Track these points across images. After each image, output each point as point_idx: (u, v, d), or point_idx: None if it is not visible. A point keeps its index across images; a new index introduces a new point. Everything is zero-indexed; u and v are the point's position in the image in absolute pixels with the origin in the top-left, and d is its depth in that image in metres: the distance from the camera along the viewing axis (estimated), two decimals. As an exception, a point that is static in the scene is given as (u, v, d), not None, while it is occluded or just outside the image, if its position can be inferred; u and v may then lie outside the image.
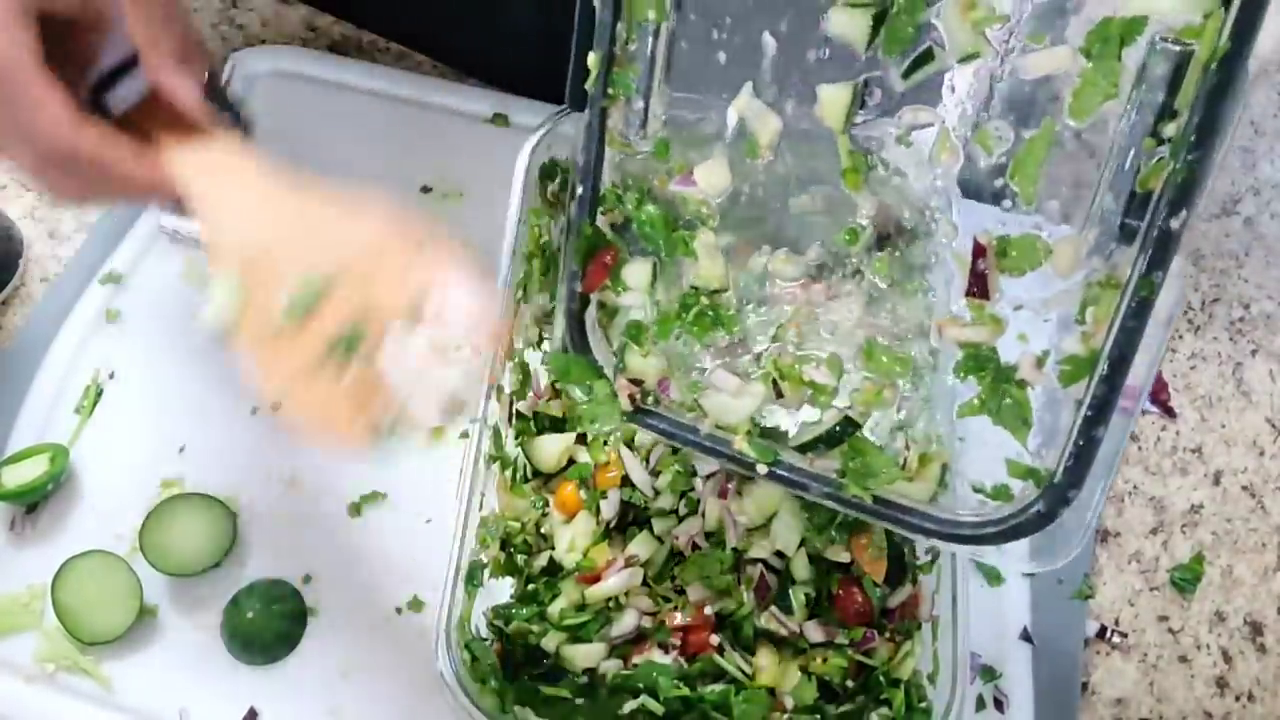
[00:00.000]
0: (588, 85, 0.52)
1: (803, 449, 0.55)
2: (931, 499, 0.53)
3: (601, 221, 0.56)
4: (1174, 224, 0.42)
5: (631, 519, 0.71)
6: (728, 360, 0.57)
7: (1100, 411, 0.45)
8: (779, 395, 0.55)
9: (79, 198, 0.54)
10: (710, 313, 0.55)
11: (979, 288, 0.49)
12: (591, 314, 0.58)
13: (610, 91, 0.52)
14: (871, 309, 0.56)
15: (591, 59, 0.51)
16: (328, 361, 0.49)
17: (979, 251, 0.48)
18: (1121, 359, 0.44)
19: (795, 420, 0.55)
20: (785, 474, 0.55)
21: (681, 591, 0.68)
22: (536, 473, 0.73)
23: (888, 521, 0.53)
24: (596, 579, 0.68)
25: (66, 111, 0.48)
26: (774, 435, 0.56)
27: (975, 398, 0.50)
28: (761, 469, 0.55)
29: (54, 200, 0.57)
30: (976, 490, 0.52)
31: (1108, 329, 0.44)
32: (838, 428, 0.53)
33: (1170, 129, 0.43)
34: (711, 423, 0.56)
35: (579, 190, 0.55)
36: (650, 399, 0.58)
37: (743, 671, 0.66)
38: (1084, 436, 0.46)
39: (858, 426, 0.53)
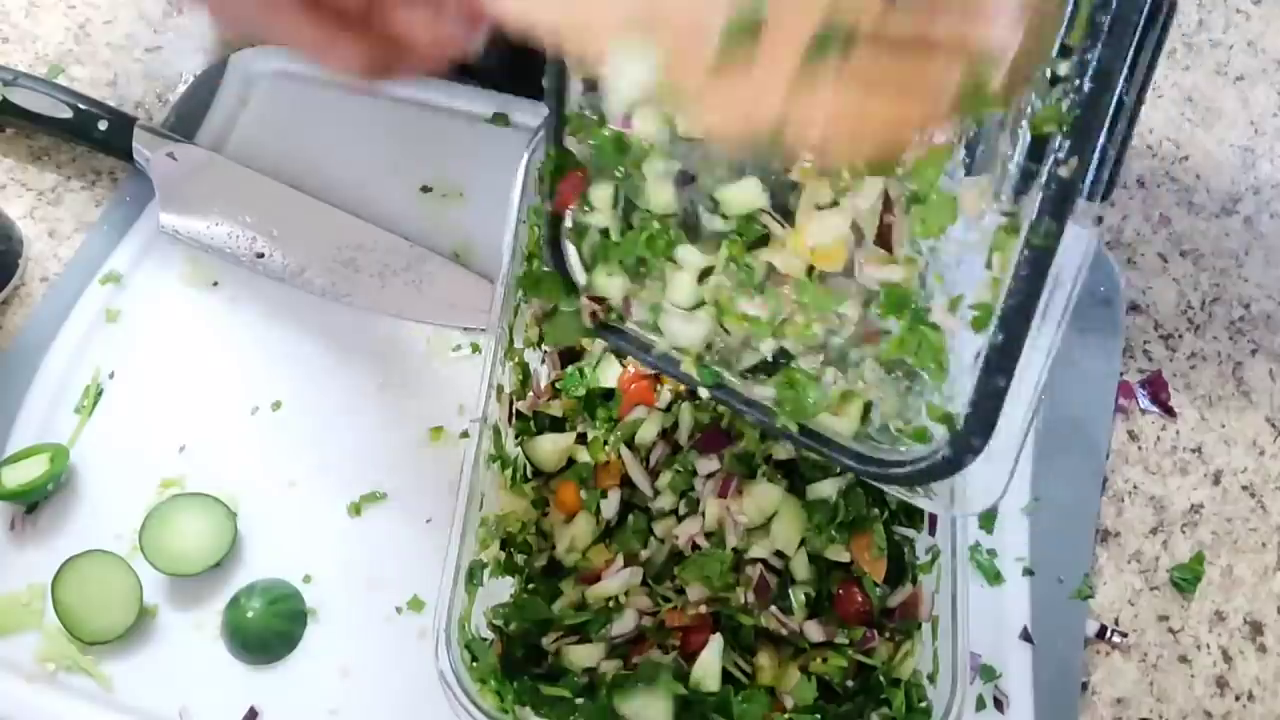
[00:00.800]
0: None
1: (742, 375, 0.56)
2: (855, 436, 0.54)
3: (573, 145, 0.57)
4: (1063, 171, 0.41)
5: (632, 520, 0.71)
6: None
7: (999, 360, 0.44)
8: (722, 327, 0.56)
9: None
10: (661, 237, 0.56)
11: (883, 240, 0.49)
12: (563, 232, 0.60)
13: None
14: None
15: None
16: None
17: (887, 206, 0.48)
18: (1018, 309, 0.43)
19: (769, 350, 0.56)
20: (723, 397, 0.57)
21: (681, 591, 0.68)
22: (536, 473, 0.73)
23: (809, 450, 0.55)
24: (596, 579, 0.68)
25: None
26: (727, 363, 0.57)
27: (896, 336, 0.50)
28: (704, 392, 0.57)
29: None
30: (899, 431, 0.52)
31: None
32: (772, 357, 0.55)
33: (1064, 67, 0.41)
34: (667, 344, 0.58)
35: (546, 118, 0.57)
36: (614, 316, 0.59)
37: (743, 671, 0.66)
38: (984, 385, 0.45)
39: (791, 358, 0.54)
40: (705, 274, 0.55)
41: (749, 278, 0.54)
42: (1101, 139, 0.42)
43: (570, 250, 0.60)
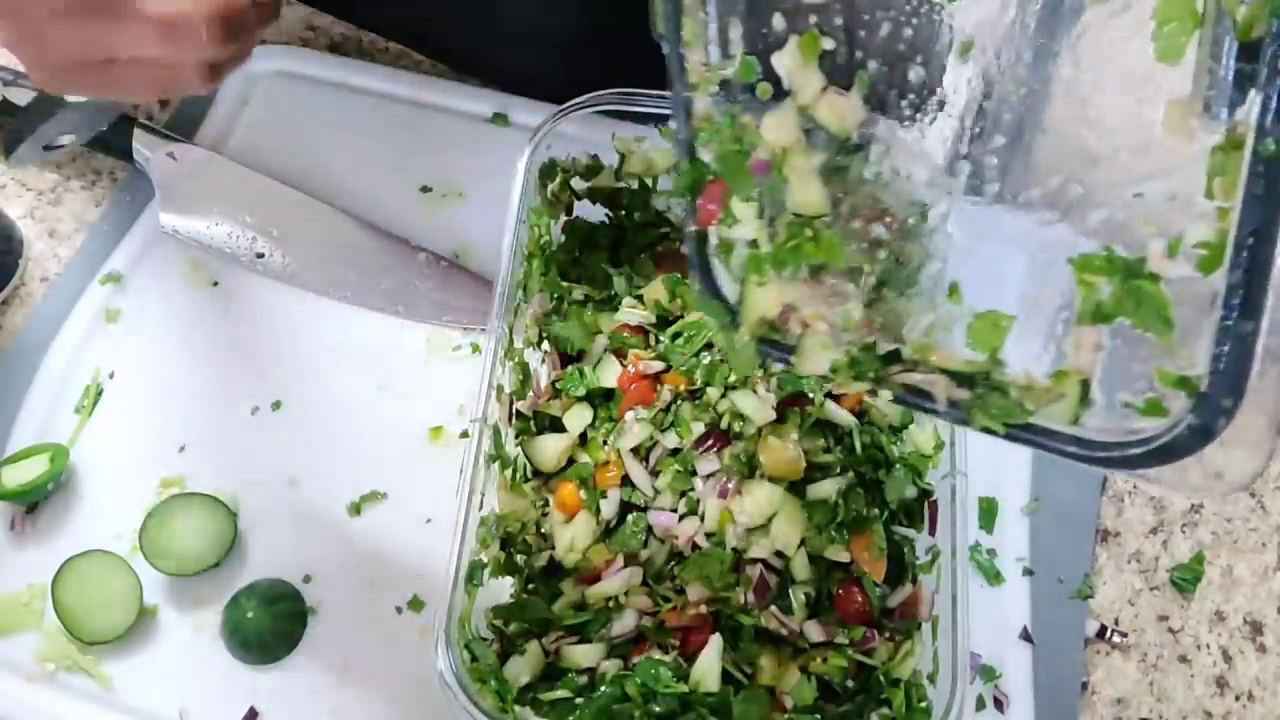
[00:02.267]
0: (658, 27, 0.49)
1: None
2: (1075, 420, 0.46)
3: (705, 156, 0.53)
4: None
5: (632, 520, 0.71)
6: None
7: (1244, 301, 0.37)
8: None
9: None
10: (810, 241, 0.51)
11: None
12: (711, 250, 0.55)
13: (684, 34, 0.49)
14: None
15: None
16: None
17: None
18: (1260, 235, 0.36)
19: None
20: (910, 399, 0.51)
21: (681, 591, 0.68)
22: (536, 473, 0.73)
23: (1023, 444, 0.49)
24: (596, 579, 0.68)
25: None
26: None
27: (1108, 298, 0.43)
28: (886, 393, 0.51)
29: None
30: (1127, 406, 0.44)
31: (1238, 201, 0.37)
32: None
33: None
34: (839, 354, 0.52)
35: (675, 130, 0.52)
36: (772, 330, 0.54)
37: (743, 671, 0.66)
38: (1228, 334, 0.38)
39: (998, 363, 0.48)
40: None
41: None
42: None
43: (719, 269, 0.55)
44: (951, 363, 0.49)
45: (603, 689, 0.64)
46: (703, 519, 0.68)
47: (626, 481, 0.70)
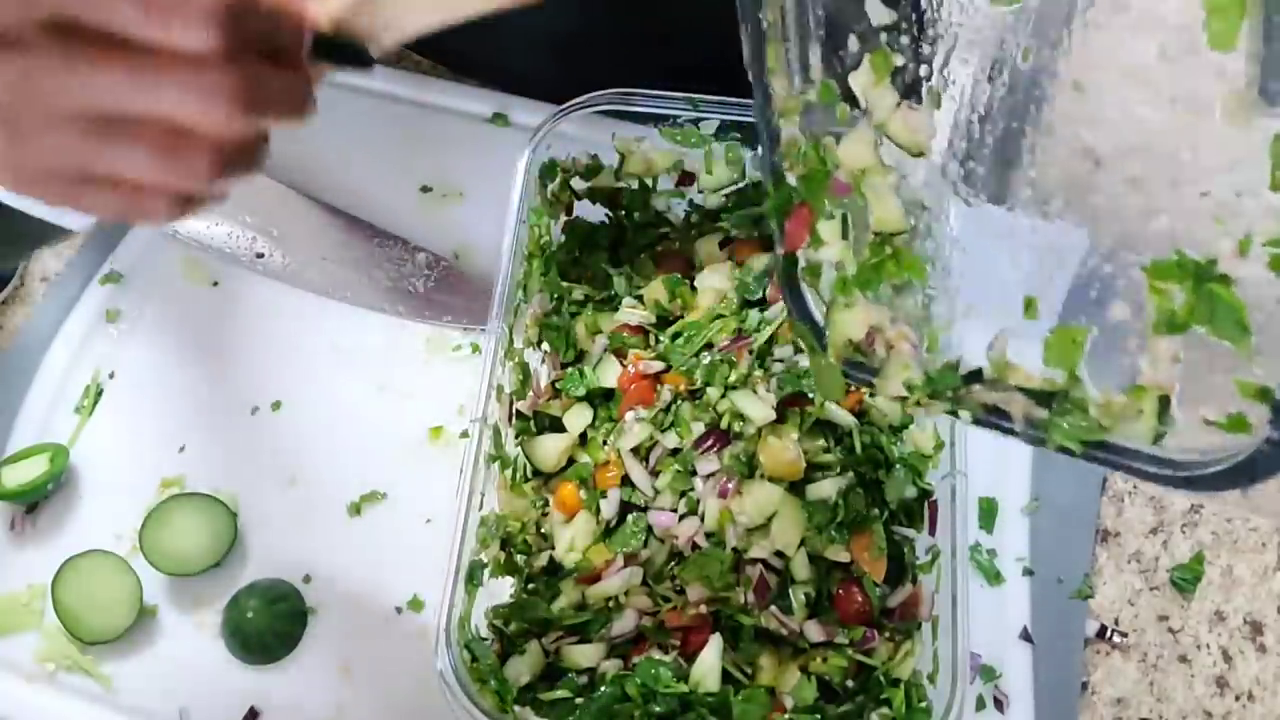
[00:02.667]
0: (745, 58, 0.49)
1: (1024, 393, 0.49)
2: (1155, 439, 0.44)
3: (791, 179, 0.53)
4: None
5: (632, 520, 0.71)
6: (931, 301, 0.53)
7: None
8: None
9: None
10: (891, 259, 0.51)
11: None
12: (798, 273, 0.55)
13: (768, 62, 0.49)
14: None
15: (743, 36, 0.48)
16: None
17: None
18: None
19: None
20: (988, 419, 0.50)
21: (681, 591, 0.68)
22: (536, 473, 0.73)
23: (1105, 465, 0.47)
24: (596, 579, 0.68)
25: None
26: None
27: (1181, 306, 0.41)
28: (965, 415, 0.51)
29: None
30: (1208, 423, 0.42)
31: None
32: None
33: None
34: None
35: (762, 157, 0.52)
36: (857, 352, 0.54)
37: (743, 671, 0.66)
38: None
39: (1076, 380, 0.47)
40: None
41: None
42: None
43: (808, 292, 0.55)
44: (1031, 381, 0.48)
45: (603, 689, 0.64)
46: (703, 519, 0.68)
47: (626, 481, 0.70)
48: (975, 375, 0.51)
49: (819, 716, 0.64)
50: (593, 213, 0.80)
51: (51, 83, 0.40)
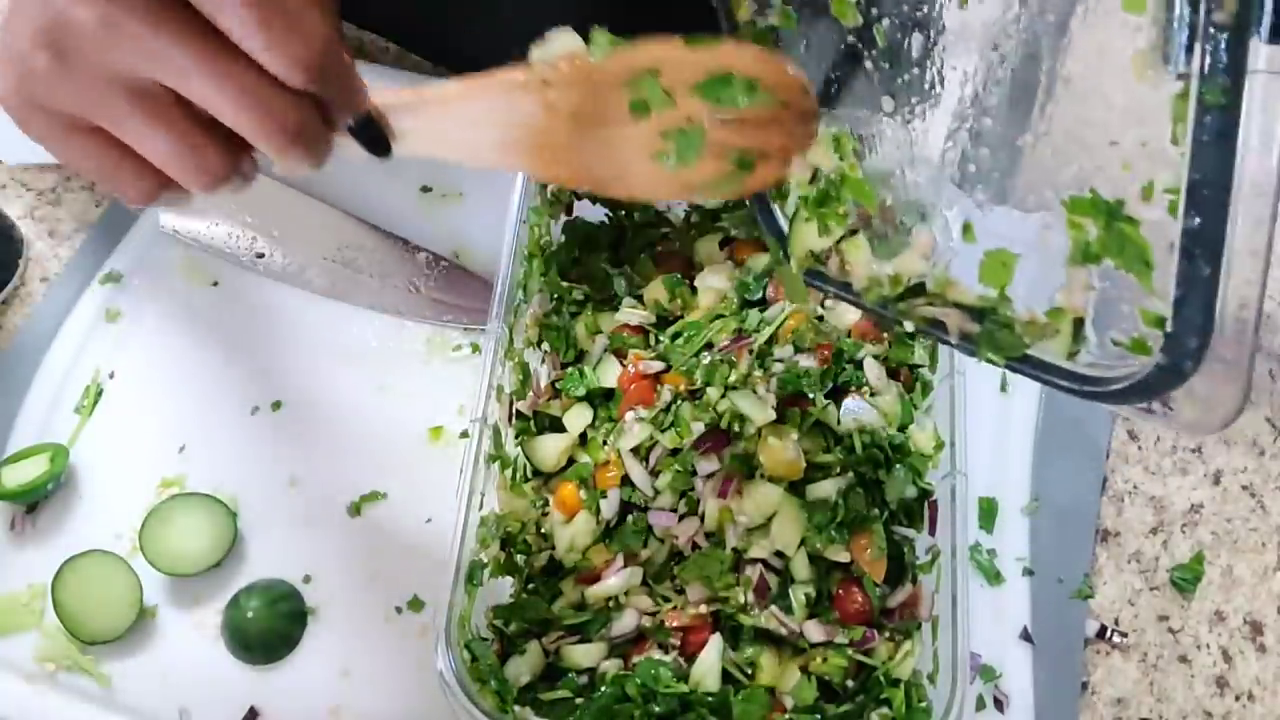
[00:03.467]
0: None
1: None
2: (1070, 355, 0.49)
3: None
4: (1221, 14, 0.35)
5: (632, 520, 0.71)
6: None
7: (1197, 245, 0.38)
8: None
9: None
10: (841, 184, 0.55)
11: None
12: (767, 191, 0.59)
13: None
14: None
15: None
16: None
17: None
18: (1207, 181, 0.37)
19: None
20: (928, 330, 0.54)
21: (681, 591, 0.68)
22: (536, 473, 0.73)
23: (1025, 375, 0.51)
24: (596, 579, 0.68)
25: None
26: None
27: (1095, 240, 0.45)
28: (909, 325, 0.55)
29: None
30: (1116, 344, 0.46)
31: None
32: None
33: None
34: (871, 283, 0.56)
35: None
36: (817, 262, 0.58)
37: (743, 671, 0.66)
38: (1187, 277, 0.39)
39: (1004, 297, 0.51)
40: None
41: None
42: None
43: (777, 209, 0.59)
44: (966, 297, 0.52)
45: (603, 689, 0.64)
46: (703, 519, 0.68)
47: (626, 481, 0.70)
48: (919, 289, 0.54)
49: (819, 716, 0.64)
50: (593, 213, 0.80)
51: (129, 33, 0.40)
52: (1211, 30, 0.36)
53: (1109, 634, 0.74)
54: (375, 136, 0.49)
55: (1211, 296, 0.39)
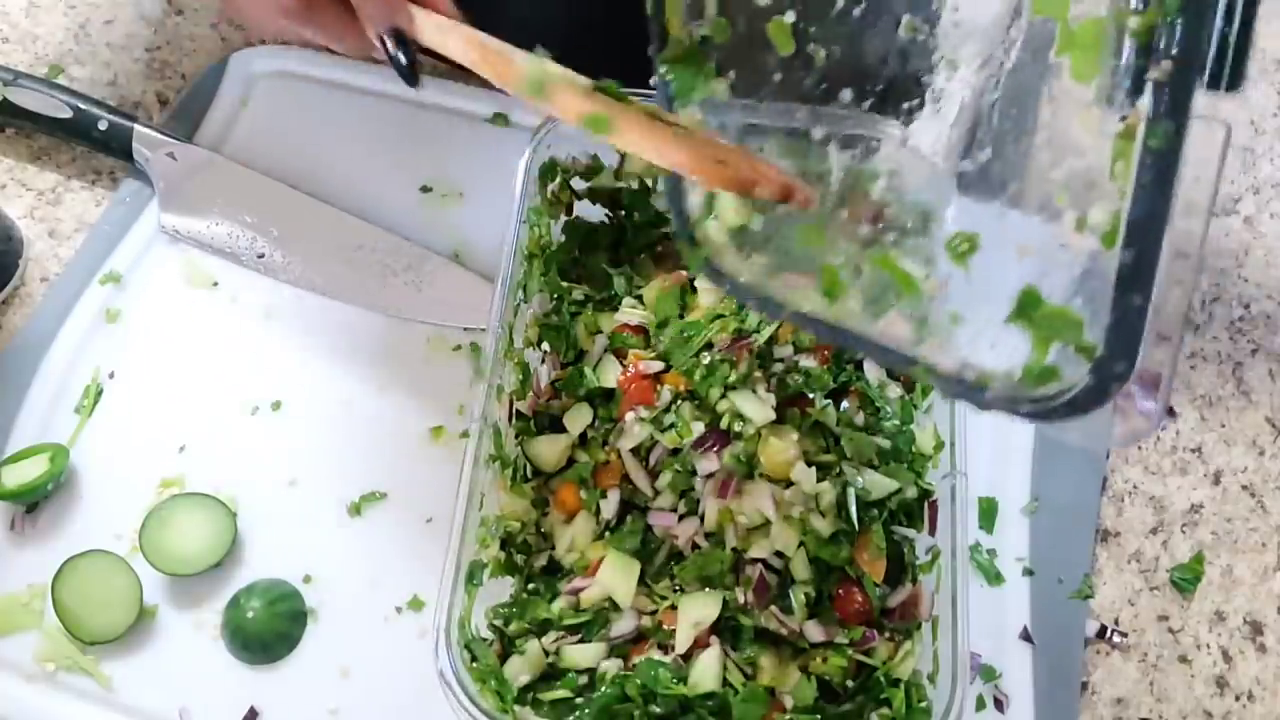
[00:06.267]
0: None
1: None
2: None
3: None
4: (1171, 64, 0.37)
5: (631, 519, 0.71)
6: None
7: (1132, 277, 0.41)
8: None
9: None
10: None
11: None
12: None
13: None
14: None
15: None
16: None
17: None
18: (1146, 219, 0.40)
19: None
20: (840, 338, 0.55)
21: (681, 591, 0.68)
22: (536, 473, 0.73)
23: (956, 395, 0.51)
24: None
25: None
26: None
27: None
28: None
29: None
30: (1026, 373, 0.48)
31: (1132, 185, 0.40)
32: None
33: None
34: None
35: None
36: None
37: (743, 671, 0.66)
38: (1121, 306, 0.42)
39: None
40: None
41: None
42: (1218, 22, 0.38)
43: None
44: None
45: (602, 689, 0.64)
46: (703, 519, 0.68)
47: (626, 481, 0.70)
48: None
49: (819, 716, 0.64)
50: (593, 213, 0.80)
51: None
52: (1159, 78, 0.38)
53: (1109, 634, 0.74)
54: (404, 60, 0.54)
55: (1141, 325, 0.42)
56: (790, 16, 0.52)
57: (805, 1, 0.52)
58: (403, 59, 0.54)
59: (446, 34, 0.54)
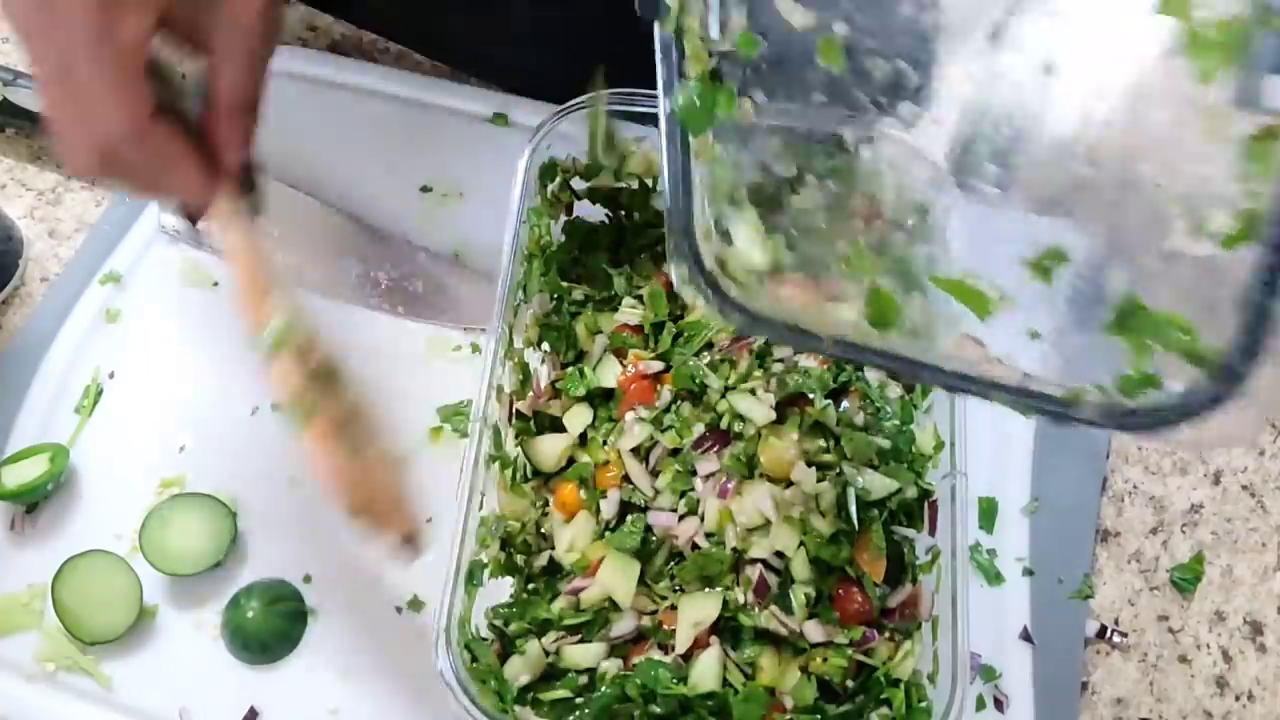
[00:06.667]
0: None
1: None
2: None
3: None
4: None
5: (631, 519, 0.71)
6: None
7: (1270, 279, 0.40)
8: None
9: (122, 181, 0.57)
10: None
11: None
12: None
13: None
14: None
15: None
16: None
17: None
18: None
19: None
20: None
21: (681, 591, 0.68)
22: (536, 473, 0.73)
23: (1041, 413, 0.50)
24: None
25: (140, 104, 0.52)
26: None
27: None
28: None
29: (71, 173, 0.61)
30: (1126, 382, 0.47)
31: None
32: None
33: None
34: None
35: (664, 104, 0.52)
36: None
37: (743, 671, 0.66)
38: (1258, 311, 0.41)
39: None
40: None
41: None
42: None
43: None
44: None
45: (603, 689, 0.64)
46: (703, 519, 0.68)
47: (626, 481, 0.70)
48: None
49: (819, 716, 0.64)
50: (593, 213, 0.80)
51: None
52: None
53: (1109, 634, 0.74)
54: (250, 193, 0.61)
55: (1266, 328, 0.41)
56: (841, 29, 0.49)
57: (854, 15, 0.49)
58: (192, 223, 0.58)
59: (235, 250, 0.62)
